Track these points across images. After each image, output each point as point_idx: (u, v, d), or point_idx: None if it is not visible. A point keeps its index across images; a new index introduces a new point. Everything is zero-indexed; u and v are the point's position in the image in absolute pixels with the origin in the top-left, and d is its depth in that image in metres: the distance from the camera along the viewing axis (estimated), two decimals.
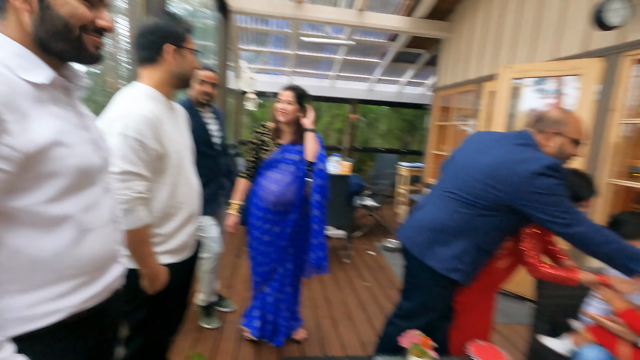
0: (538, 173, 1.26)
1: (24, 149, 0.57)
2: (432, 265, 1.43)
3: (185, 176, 1.24)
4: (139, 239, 1.08)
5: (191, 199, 1.27)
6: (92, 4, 0.67)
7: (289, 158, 1.89)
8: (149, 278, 1.14)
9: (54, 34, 0.64)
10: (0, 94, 0.56)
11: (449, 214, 1.44)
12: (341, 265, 3.50)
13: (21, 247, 0.62)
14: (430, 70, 6.37)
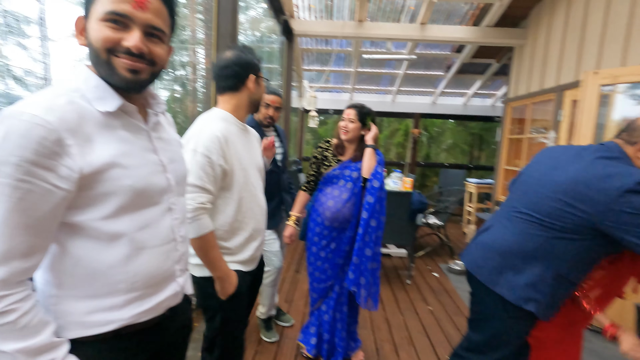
0: (630, 190, 1.09)
1: (82, 169, 0.64)
2: (503, 294, 1.29)
3: (252, 193, 1.31)
4: (207, 245, 1.17)
5: (257, 215, 1.34)
6: (124, 26, 0.67)
7: (347, 175, 1.89)
8: (221, 281, 1.22)
9: (93, 62, 0.70)
10: (68, 121, 0.63)
11: (519, 236, 1.30)
12: (402, 286, 3.35)
13: (82, 256, 0.68)
14: (500, 81, 5.98)
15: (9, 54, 4.53)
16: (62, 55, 5.99)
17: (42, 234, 0.62)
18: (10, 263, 0.59)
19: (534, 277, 1.25)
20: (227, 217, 1.25)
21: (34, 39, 5.18)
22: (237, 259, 1.29)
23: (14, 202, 0.58)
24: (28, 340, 0.60)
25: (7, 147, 0.57)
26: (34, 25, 5.11)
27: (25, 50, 5.07)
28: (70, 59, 6.45)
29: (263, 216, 1.39)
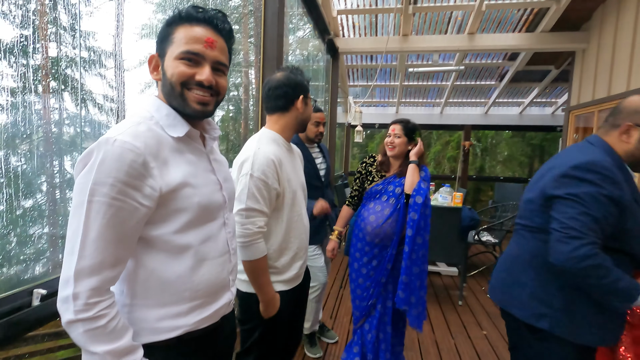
0: (565, 175, 1.10)
1: (161, 189, 0.72)
2: (515, 314, 1.21)
3: (298, 213, 1.35)
4: (258, 269, 1.21)
5: (302, 234, 1.38)
6: (196, 63, 0.78)
7: (390, 190, 1.86)
8: (265, 304, 1.26)
9: (167, 94, 0.81)
10: (151, 146, 0.73)
11: (515, 247, 1.26)
12: (454, 307, 3.17)
13: (155, 268, 0.76)
14: (560, 88, 5.55)
15: (91, 84, 5.16)
16: (133, 83, 6.68)
17: (127, 246, 0.71)
18: (103, 272, 0.67)
19: (535, 288, 1.17)
20: (276, 237, 1.30)
21: (110, 69, 5.86)
22: (282, 278, 1.33)
23: (108, 218, 0.67)
24: (114, 343, 0.68)
25: (104, 169, 0.66)
26: (110, 58, 5.79)
27: (103, 79, 5.76)
28: (139, 86, 7.17)
29: (307, 234, 1.42)
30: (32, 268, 4.16)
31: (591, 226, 1.02)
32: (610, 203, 1.03)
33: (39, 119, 4.45)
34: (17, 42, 3.92)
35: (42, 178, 4.60)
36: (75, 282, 0.65)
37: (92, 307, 0.65)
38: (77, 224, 0.66)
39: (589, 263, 1.00)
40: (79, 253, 0.65)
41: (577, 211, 1.04)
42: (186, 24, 0.78)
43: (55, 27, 4.76)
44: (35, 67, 4.25)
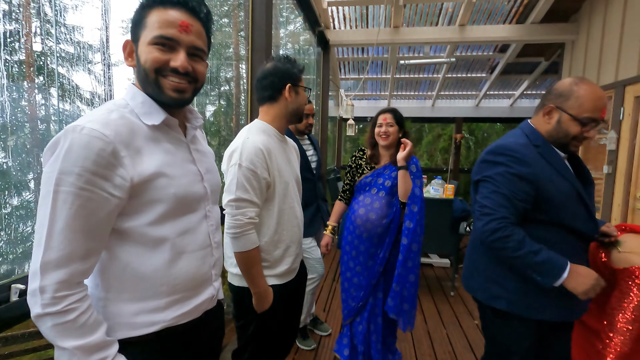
0: (482, 160, 1.23)
1: (132, 178, 0.69)
2: (478, 297, 1.29)
3: (290, 205, 1.32)
4: (250, 261, 1.19)
5: (295, 226, 1.35)
6: (170, 48, 0.74)
7: (380, 183, 1.85)
8: (257, 297, 1.24)
9: (141, 81, 0.77)
10: (122, 135, 0.70)
11: (472, 233, 1.35)
12: (446, 298, 3.20)
13: (129, 261, 0.73)
14: (550, 80, 5.60)
15: (78, 80, 5.08)
16: (122, 78, 6.56)
17: (98, 238, 0.68)
18: (71, 265, 0.64)
19: (489, 271, 1.24)
20: (268, 229, 1.28)
21: (98, 64, 5.76)
22: (274, 272, 1.31)
23: (75, 209, 0.64)
24: (85, 338, 0.65)
25: (70, 158, 0.63)
26: (98, 53, 5.68)
27: (91, 74, 5.66)
28: (127, 80, 7.05)
29: (300, 227, 1.40)
30: (16, 263, 4.08)
31: (501, 202, 1.12)
32: (519, 180, 1.13)
33: (23, 115, 4.37)
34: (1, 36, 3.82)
35: (29, 175, 4.51)
36: (42, 275, 0.63)
37: (60, 301, 0.63)
38: (44, 215, 0.63)
39: (498, 235, 1.10)
40: (45, 245, 0.63)
41: (489, 190, 1.16)
42: (160, 7, 0.73)
43: (40, 21, 4.66)
44: (19, 61, 4.17)
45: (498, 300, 1.21)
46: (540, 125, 1.23)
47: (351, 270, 1.94)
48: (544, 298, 1.16)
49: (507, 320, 1.22)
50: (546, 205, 1.14)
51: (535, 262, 1.07)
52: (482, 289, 1.26)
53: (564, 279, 1.05)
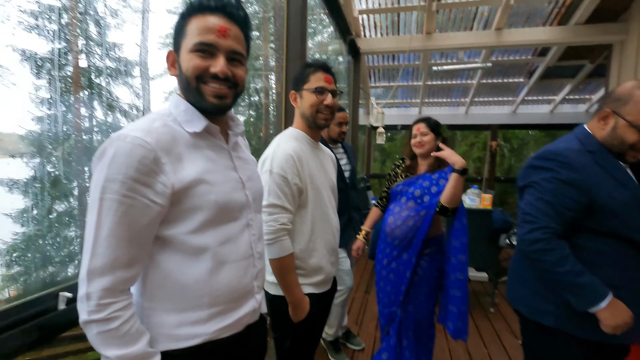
0: (526, 166, 1.19)
1: (174, 185, 0.69)
2: (522, 312, 1.20)
3: (324, 212, 1.29)
4: (285, 268, 1.17)
5: (329, 234, 1.32)
6: (210, 54, 0.75)
7: (410, 192, 1.81)
8: (293, 306, 1.21)
9: (184, 89, 0.78)
10: (163, 142, 0.70)
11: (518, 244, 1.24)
12: (485, 315, 3.02)
13: (171, 270, 0.72)
14: (595, 83, 5.27)
15: (119, 93, 5.38)
16: (158, 90, 6.83)
17: (141, 246, 0.68)
18: (115, 272, 0.64)
19: (535, 284, 1.15)
20: (303, 236, 1.25)
21: (137, 78, 6.07)
22: (311, 281, 1.28)
23: (119, 216, 0.64)
24: (127, 348, 0.64)
25: (114, 166, 0.64)
26: (137, 67, 6.00)
27: (130, 88, 5.97)
28: (163, 92, 7.37)
29: (335, 236, 1.36)
30: (63, 266, 4.27)
31: (545, 210, 1.06)
32: (567, 187, 1.06)
33: (69, 126, 4.62)
34: (51, 55, 4.07)
35: (74, 183, 4.72)
36: (88, 281, 0.63)
37: (104, 308, 0.63)
38: (91, 223, 0.64)
39: (540, 247, 1.04)
40: (91, 252, 0.63)
41: (534, 197, 1.10)
42: (199, 14, 0.74)
43: (85, 39, 4.94)
44: (65, 77, 4.42)
45: (544, 315, 1.12)
46: (595, 131, 1.15)
47: (384, 279, 1.89)
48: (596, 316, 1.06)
49: (553, 337, 1.12)
50: (600, 215, 1.05)
51: (574, 282, 1.00)
52: (526, 303, 1.19)
53: (601, 308, 0.99)
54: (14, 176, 4.22)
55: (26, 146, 4.18)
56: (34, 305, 0.80)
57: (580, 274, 1.00)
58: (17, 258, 4.09)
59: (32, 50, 4.20)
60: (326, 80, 1.28)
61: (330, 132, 2.12)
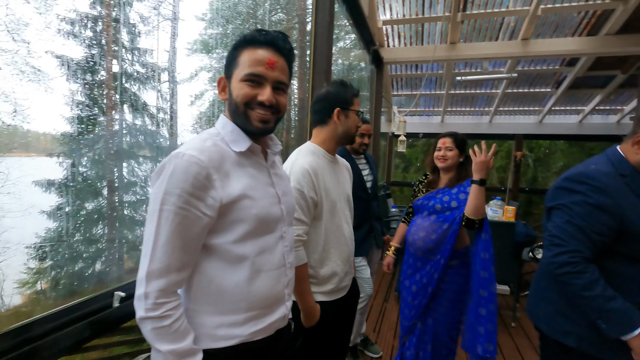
0: (558, 187, 1.18)
1: (222, 199, 0.77)
2: (543, 330, 1.19)
3: (337, 224, 1.35)
4: (300, 277, 1.22)
5: (342, 245, 1.37)
6: (258, 84, 0.83)
7: (430, 205, 1.84)
8: (305, 313, 1.26)
9: (232, 112, 0.86)
10: (214, 160, 0.78)
11: (542, 261, 1.24)
12: (506, 329, 2.97)
13: (214, 276, 0.80)
14: (627, 94, 5.10)
15: (146, 96, 5.60)
16: (184, 94, 7.06)
17: (191, 252, 0.76)
18: (170, 275, 0.72)
19: (560, 303, 1.14)
20: (316, 246, 1.31)
21: (165, 83, 6.30)
22: (322, 289, 1.33)
23: (175, 225, 0.72)
24: (177, 343, 0.72)
25: (172, 181, 0.73)
26: (165, 72, 6.23)
27: (158, 92, 6.20)
28: (189, 96, 7.62)
29: (349, 247, 1.41)
30: (91, 261, 4.44)
31: (574, 234, 1.06)
32: (598, 211, 1.05)
33: (100, 129, 4.81)
34: (86, 60, 4.26)
35: (103, 182, 4.89)
36: (147, 282, 0.71)
37: (159, 307, 0.70)
38: (150, 230, 0.72)
39: (567, 270, 1.04)
40: (150, 256, 0.71)
41: (563, 220, 1.09)
42: (250, 47, 0.84)
43: (117, 45, 5.13)
44: (98, 82, 4.62)
45: (567, 336, 1.12)
46: (629, 154, 1.13)
47: (407, 289, 1.92)
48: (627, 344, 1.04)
49: (573, 358, 1.12)
50: (631, 240, 1.04)
51: (604, 308, 0.99)
52: (548, 321, 1.18)
53: (634, 335, 0.97)
54: (49, 175, 4.46)
55: (60, 146, 4.42)
56: (92, 303, 0.89)
57: (611, 299, 0.99)
58: (49, 253, 4.34)
59: (68, 56, 4.43)
60: (358, 105, 1.40)
61: (355, 143, 2.16)
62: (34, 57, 2.86)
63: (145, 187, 5.21)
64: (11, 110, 2.51)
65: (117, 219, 5.10)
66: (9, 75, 2.60)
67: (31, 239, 3.82)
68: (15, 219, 3.38)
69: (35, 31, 3.00)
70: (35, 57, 2.89)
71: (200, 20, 9.00)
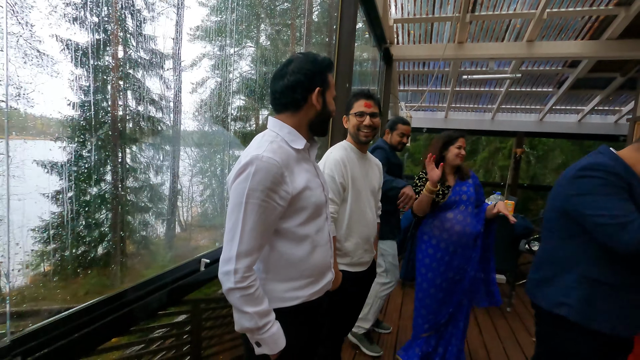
0: (575, 177, 1.25)
1: (291, 192, 0.95)
2: (541, 305, 1.35)
3: (361, 209, 1.60)
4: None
5: (364, 227, 1.61)
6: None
7: (464, 200, 1.99)
8: None
9: (323, 121, 1.06)
10: (285, 160, 0.95)
11: (543, 249, 1.41)
12: (502, 314, 3.22)
13: (283, 252, 1.00)
14: (626, 95, 5.28)
15: (150, 83, 5.68)
16: (186, 82, 7.08)
17: (268, 235, 0.95)
18: (253, 255, 0.92)
19: (563, 284, 1.29)
20: (342, 223, 1.57)
21: (168, 70, 6.35)
22: (345, 261, 1.59)
23: (258, 215, 0.90)
24: (259, 306, 0.92)
25: (256, 179, 0.90)
26: (170, 59, 6.27)
27: (161, 79, 6.27)
28: (191, 84, 7.66)
29: (370, 229, 1.64)
30: (94, 250, 4.62)
31: (619, 205, 1.14)
32: (620, 189, 1.16)
33: (105, 114, 4.87)
34: (92, 45, 4.28)
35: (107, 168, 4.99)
36: (237, 260, 0.89)
37: (246, 279, 0.90)
38: (237, 219, 0.90)
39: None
40: (239, 240, 0.89)
41: (601, 202, 1.16)
42: None
43: (123, 32, 5.19)
44: (104, 67, 4.67)
45: (561, 307, 1.28)
46: (630, 160, 1.25)
47: (432, 283, 2.04)
48: (608, 308, 1.21)
49: (569, 330, 1.28)
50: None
51: None
52: (546, 298, 1.33)
53: None
54: (53, 158, 4.49)
55: (65, 131, 4.47)
56: (184, 268, 1.10)
57: None
58: (53, 236, 4.43)
59: (74, 41, 4.41)
60: (366, 105, 1.59)
61: (392, 140, 2.42)
62: (38, 40, 2.88)
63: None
64: (15, 93, 2.56)
65: None
66: (13, 58, 2.62)
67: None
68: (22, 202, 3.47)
69: (40, 14, 3.00)
70: (39, 40, 2.91)
71: (203, 7, 8.88)
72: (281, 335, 0.96)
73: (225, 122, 7.17)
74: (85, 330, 0.86)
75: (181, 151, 6.64)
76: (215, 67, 8.05)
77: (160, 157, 6.15)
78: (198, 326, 2.40)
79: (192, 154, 7.39)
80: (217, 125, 6.92)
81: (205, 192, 7.94)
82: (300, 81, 1.00)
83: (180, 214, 7.22)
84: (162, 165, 6.26)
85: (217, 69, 7.95)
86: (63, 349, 0.80)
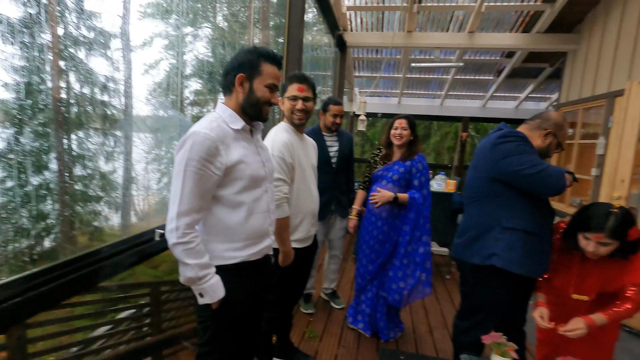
0: (496, 144, 1.54)
1: (226, 164, 1.09)
2: (473, 261, 1.60)
3: (306, 185, 1.76)
4: (284, 226, 1.60)
5: (310, 203, 1.79)
6: (271, 89, 1.17)
7: (388, 176, 2.27)
8: (284, 255, 1.65)
9: (250, 105, 1.17)
10: (220, 136, 1.09)
11: (469, 216, 1.68)
12: (442, 281, 3.59)
13: (221, 217, 1.14)
14: (554, 84, 5.86)
15: (95, 64, 5.24)
16: (139, 63, 6.69)
17: (206, 199, 1.09)
18: (192, 215, 1.05)
19: (489, 239, 1.55)
20: (291, 200, 1.70)
21: (116, 50, 5.87)
22: (294, 237, 1.74)
23: (195, 181, 1.04)
24: (200, 259, 1.06)
25: (194, 150, 1.04)
26: (117, 38, 5.79)
27: (109, 60, 5.82)
28: (144, 65, 7.24)
29: (314, 204, 1.82)
30: (40, 244, 4.50)
31: (537, 158, 1.48)
32: (530, 147, 1.51)
33: (45, 97, 4.50)
34: (26, 21, 3.87)
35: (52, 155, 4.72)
36: (177, 219, 1.03)
37: (186, 235, 1.03)
38: (177, 184, 1.03)
39: (543, 168, 1.44)
40: (179, 202, 1.03)
41: (522, 155, 1.47)
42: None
43: (61, 7, 4.73)
44: (41, 46, 4.20)
45: (491, 257, 1.52)
46: (535, 140, 1.58)
47: (367, 244, 2.35)
48: (524, 254, 1.48)
49: (497, 277, 1.53)
50: None
51: (560, 170, 1.46)
52: (478, 253, 1.58)
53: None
54: None
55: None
56: (140, 236, 1.20)
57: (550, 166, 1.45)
58: None
59: (3, 14, 3.90)
60: (299, 90, 1.66)
61: (326, 122, 2.47)
62: None
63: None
64: None
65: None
66: None
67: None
68: None
69: None
70: None
71: None
72: (220, 287, 1.11)
73: (181, 107, 6.94)
74: (42, 289, 0.94)
75: (134, 137, 6.36)
76: (168, 47, 7.69)
77: (111, 144, 5.85)
78: (157, 301, 2.50)
79: (147, 140, 7.12)
80: (173, 109, 6.70)
81: (163, 180, 7.71)
82: (232, 67, 1.15)
83: (136, 202, 6.98)
84: (112, 152, 5.96)
85: (170, 49, 7.60)
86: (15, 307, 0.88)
